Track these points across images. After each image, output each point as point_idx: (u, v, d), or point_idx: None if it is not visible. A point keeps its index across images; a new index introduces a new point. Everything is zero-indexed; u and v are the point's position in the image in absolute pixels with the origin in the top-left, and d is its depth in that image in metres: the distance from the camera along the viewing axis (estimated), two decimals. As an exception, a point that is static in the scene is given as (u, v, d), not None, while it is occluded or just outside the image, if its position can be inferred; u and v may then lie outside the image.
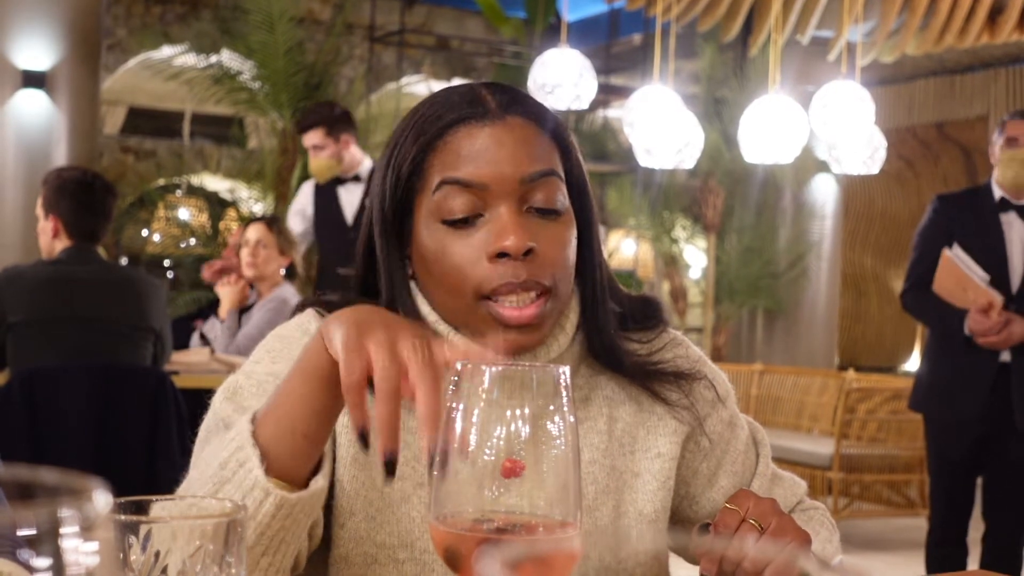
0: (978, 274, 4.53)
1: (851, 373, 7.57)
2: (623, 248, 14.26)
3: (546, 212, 1.41)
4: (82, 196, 4.12)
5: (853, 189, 11.65)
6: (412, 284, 1.49)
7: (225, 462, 1.21)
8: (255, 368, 1.46)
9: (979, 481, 4.83)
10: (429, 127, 1.43)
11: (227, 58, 9.59)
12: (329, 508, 1.42)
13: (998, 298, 4.48)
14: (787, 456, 6.81)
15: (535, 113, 1.45)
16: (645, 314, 1.59)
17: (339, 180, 5.79)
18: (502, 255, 1.37)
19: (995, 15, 8.53)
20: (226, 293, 5.35)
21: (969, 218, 4.70)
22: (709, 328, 10.33)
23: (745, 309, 10.42)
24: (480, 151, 1.39)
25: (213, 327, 5.40)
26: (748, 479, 1.63)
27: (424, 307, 1.46)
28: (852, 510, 7.00)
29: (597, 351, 1.51)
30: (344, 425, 1.43)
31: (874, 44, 9.08)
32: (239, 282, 5.35)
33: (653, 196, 10.39)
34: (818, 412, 7.55)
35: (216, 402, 1.45)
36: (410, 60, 12.44)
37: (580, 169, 1.49)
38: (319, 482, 1.22)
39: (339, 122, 5.70)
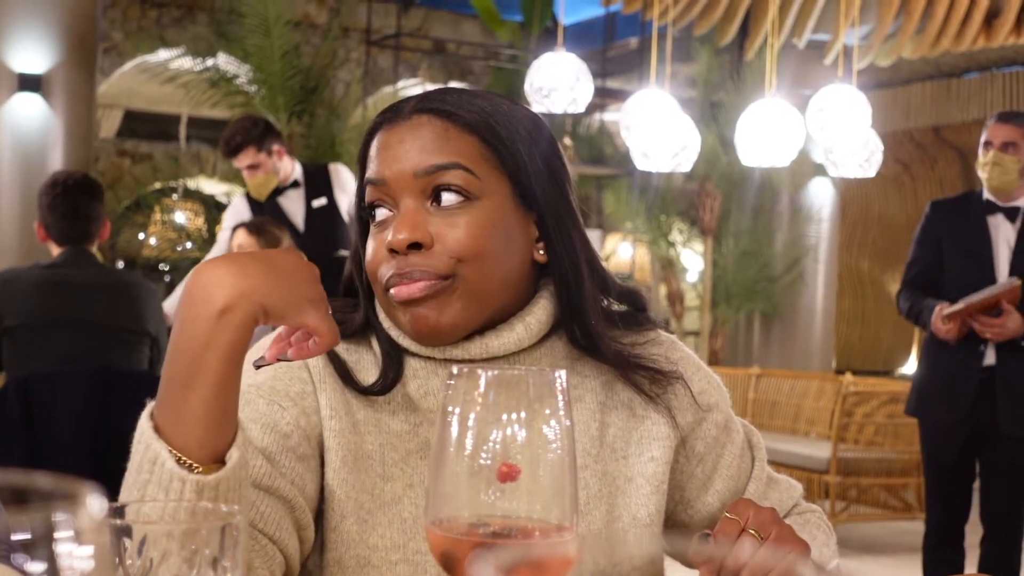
0: (980, 295, 4.56)
1: (848, 377, 7.58)
2: (620, 252, 14.27)
3: (448, 202, 1.42)
4: (54, 200, 4.08)
5: (850, 193, 11.66)
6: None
7: (140, 465, 1.22)
8: None
9: (977, 485, 4.85)
10: (367, 133, 1.50)
11: (223, 61, 9.60)
12: (320, 513, 1.43)
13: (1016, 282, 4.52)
14: (784, 460, 6.81)
15: (450, 110, 1.46)
16: (635, 309, 1.59)
17: (277, 191, 5.69)
18: (393, 251, 1.40)
19: (991, 19, 8.54)
20: None
21: (959, 222, 4.74)
22: (706, 332, 10.34)
23: (742, 313, 10.43)
24: (382, 150, 1.45)
25: None
26: (744, 483, 1.62)
27: (381, 312, 1.50)
28: (849, 514, 7.00)
29: (578, 341, 1.51)
30: (332, 430, 1.43)
31: (870, 48, 9.10)
32: None
33: (650, 200, 10.40)
34: (815, 416, 7.56)
35: None
36: (406, 64, 12.44)
37: (532, 167, 1.47)
38: (234, 455, 1.20)
39: (266, 136, 5.57)
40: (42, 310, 4.02)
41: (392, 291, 1.40)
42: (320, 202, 5.67)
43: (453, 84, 12.56)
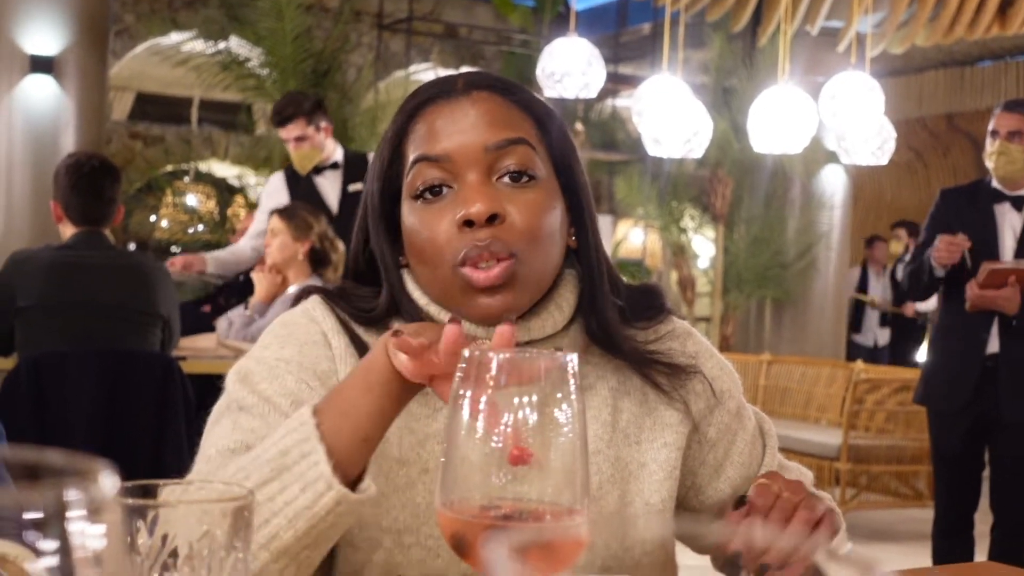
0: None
1: (859, 364, 7.56)
2: (631, 238, 14.25)
3: (517, 178, 1.42)
4: (78, 181, 4.10)
5: (862, 180, 11.63)
6: (405, 272, 1.50)
7: (287, 450, 1.23)
8: (264, 353, 1.48)
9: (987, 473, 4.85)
10: (405, 109, 1.48)
11: (235, 45, 9.59)
12: None
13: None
14: (795, 446, 6.81)
15: (502, 87, 1.47)
16: (647, 304, 1.59)
17: (316, 169, 5.77)
18: (469, 223, 1.38)
19: (1006, 7, 8.51)
20: (259, 280, 5.31)
21: (967, 210, 4.76)
22: (717, 318, 10.33)
23: (753, 299, 10.42)
24: (444, 125, 1.43)
25: (238, 311, 5.35)
26: (755, 470, 1.63)
27: (415, 291, 1.49)
28: (860, 501, 7.00)
29: (595, 334, 1.51)
30: None
31: (884, 35, 9.06)
32: (271, 272, 5.28)
33: (662, 186, 10.39)
34: (826, 403, 7.55)
35: (230, 384, 1.47)
36: (418, 48, 12.43)
37: (565, 142, 1.50)
38: (372, 488, 1.24)
39: (317, 110, 5.70)
40: (55, 291, 4.03)
41: (470, 273, 1.39)
42: (356, 187, 5.66)
43: (465, 69, 12.56)
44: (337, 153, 5.81)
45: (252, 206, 5.96)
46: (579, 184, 1.50)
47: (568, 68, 6.72)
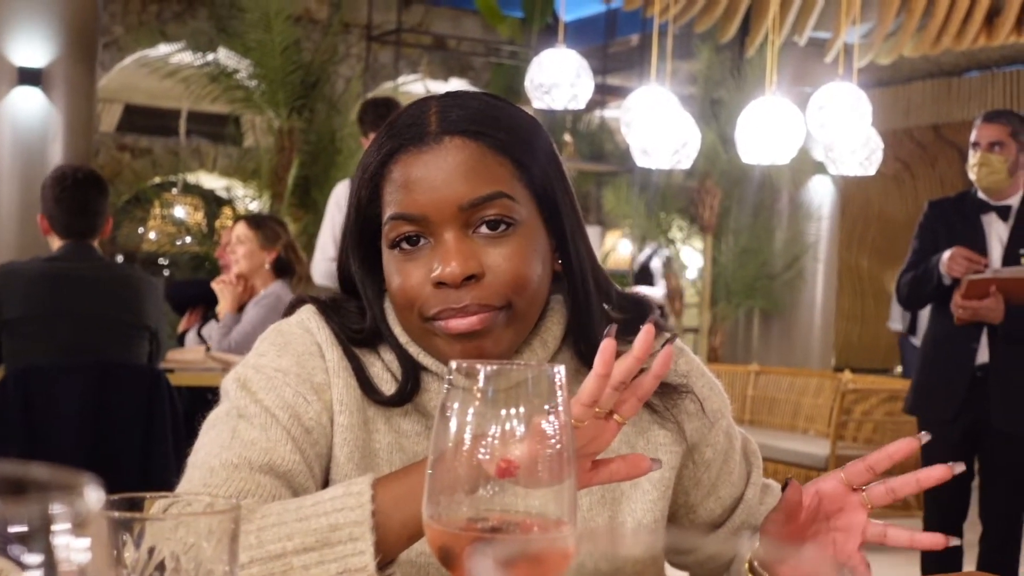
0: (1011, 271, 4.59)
1: (847, 374, 7.57)
2: (620, 248, 14.26)
3: (495, 227, 1.39)
4: (62, 194, 4.09)
5: (850, 190, 11.66)
6: (387, 303, 1.50)
7: (337, 526, 1.22)
8: (261, 361, 1.47)
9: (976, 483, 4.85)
10: (383, 148, 1.43)
11: (224, 56, 9.60)
12: None
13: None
14: (783, 457, 6.81)
15: (478, 131, 1.41)
16: (638, 318, 1.57)
17: None
18: (441, 284, 1.36)
19: (992, 17, 8.54)
20: (222, 292, 5.33)
21: (955, 220, 4.78)
22: (705, 329, 10.34)
23: (741, 310, 10.43)
24: (418, 180, 1.39)
25: (211, 325, 5.39)
26: (742, 488, 1.64)
27: (396, 327, 1.48)
28: (847, 512, 7.00)
29: (584, 356, 1.49)
30: (340, 425, 1.44)
31: (871, 46, 9.09)
32: (236, 281, 5.31)
33: (650, 196, 10.40)
34: (814, 413, 7.55)
35: (231, 390, 1.46)
36: (407, 59, 12.43)
37: (547, 168, 1.45)
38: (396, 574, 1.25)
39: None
40: (42, 303, 4.02)
41: (443, 323, 1.37)
42: None
43: (454, 81, 12.57)
44: None
45: (239, 217, 5.96)
46: (563, 209, 1.46)
47: (556, 79, 6.72)
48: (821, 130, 7.04)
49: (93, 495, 0.42)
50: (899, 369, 10.34)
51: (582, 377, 1.51)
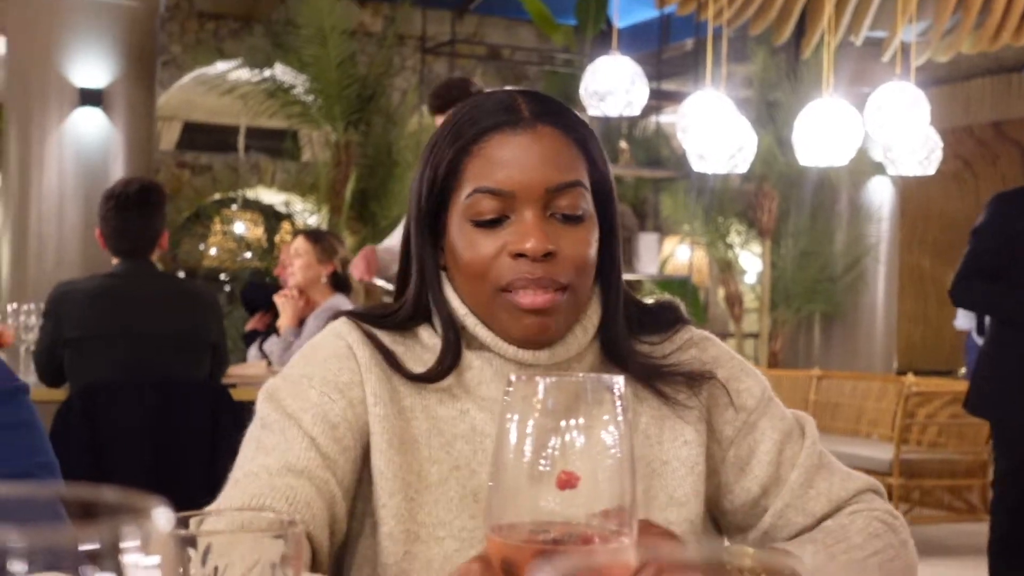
0: None
1: (910, 377, 7.50)
2: (678, 254, 14.21)
3: (569, 218, 1.49)
4: (108, 213, 4.08)
5: (910, 190, 11.55)
6: (443, 276, 1.57)
7: None
8: (290, 371, 1.56)
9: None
10: (465, 132, 1.51)
11: (280, 72, 9.67)
12: (368, 495, 1.50)
13: None
14: (846, 462, 6.67)
15: (565, 124, 1.52)
16: (664, 317, 1.65)
17: None
18: (521, 255, 1.45)
19: (1052, 13, 8.43)
20: (283, 305, 5.36)
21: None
22: (765, 333, 10.27)
23: (802, 314, 10.35)
24: (510, 159, 1.48)
25: (272, 340, 5.42)
26: (788, 469, 1.62)
27: (453, 300, 1.54)
28: (913, 516, 6.92)
29: (608, 349, 1.58)
30: (377, 416, 1.50)
31: (929, 44, 9.01)
32: (297, 295, 5.34)
33: (707, 201, 10.35)
34: (877, 417, 7.48)
35: (258, 404, 1.54)
36: (462, 70, 12.46)
37: (605, 177, 1.56)
38: None
39: None
40: (100, 321, 4.04)
41: (517, 296, 1.46)
42: None
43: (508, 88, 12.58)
44: None
45: (298, 232, 6.00)
46: (611, 210, 1.57)
47: (611, 86, 6.72)
48: (879, 130, 7.00)
49: (161, 517, 0.43)
50: (963, 370, 10.21)
51: (602, 370, 1.57)
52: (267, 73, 9.65)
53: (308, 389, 1.51)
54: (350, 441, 1.49)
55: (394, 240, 5.36)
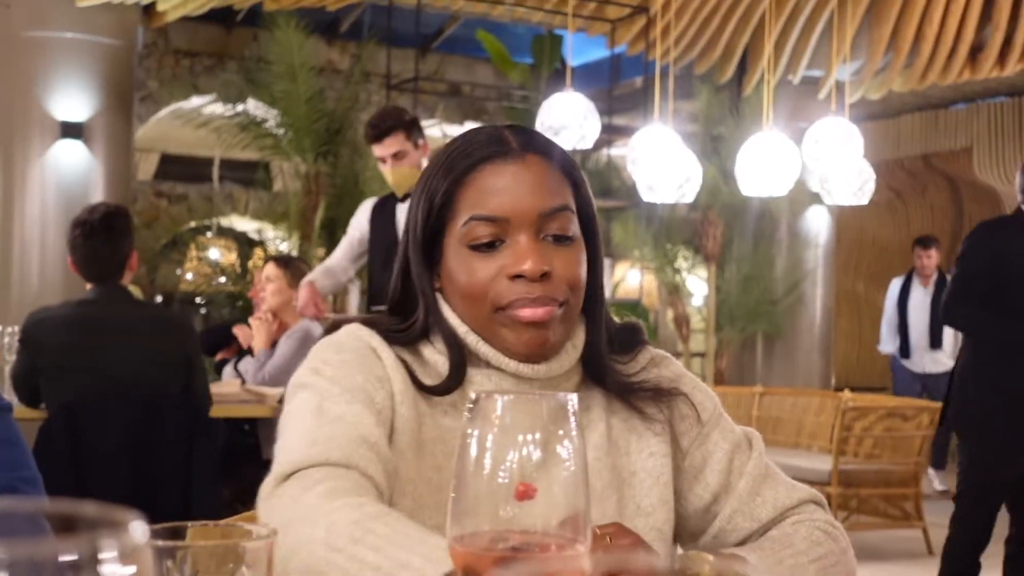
0: None
1: (847, 393, 7.55)
2: (629, 279, 14.26)
3: (560, 240, 1.51)
4: (75, 240, 4.02)
5: (845, 219, 11.64)
6: (439, 297, 1.57)
7: None
8: (327, 358, 1.52)
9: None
10: (458, 164, 1.53)
11: (252, 107, 9.65)
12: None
13: None
14: (788, 473, 6.74)
15: (551, 153, 1.55)
16: (629, 338, 1.68)
17: (403, 196, 4.98)
18: (519, 276, 1.47)
19: (975, 53, 8.56)
20: (257, 327, 5.35)
21: (1017, 239, 4.71)
22: (712, 353, 10.31)
23: (745, 334, 10.39)
24: (503, 187, 1.50)
25: (247, 361, 5.40)
26: (737, 478, 1.64)
27: (453, 319, 1.55)
28: (851, 523, 6.96)
29: (589, 368, 1.60)
30: (401, 416, 1.49)
31: (862, 82, 9.11)
32: (270, 318, 5.33)
33: (656, 229, 10.39)
34: (816, 430, 7.51)
35: (306, 383, 1.49)
36: (424, 105, 12.48)
37: (589, 203, 1.59)
38: None
39: (415, 126, 4.94)
40: (73, 348, 3.97)
41: (517, 312, 1.48)
42: None
43: (468, 124, 12.61)
44: None
45: (269, 258, 5.98)
46: (594, 233, 1.59)
47: (565, 121, 6.75)
48: (816, 163, 7.07)
49: (138, 529, 0.43)
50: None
51: (584, 387, 1.60)
52: (240, 108, 9.62)
53: (354, 374, 1.49)
54: (387, 431, 1.47)
55: (334, 259, 5.35)
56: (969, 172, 11.97)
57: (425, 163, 4.84)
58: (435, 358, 1.56)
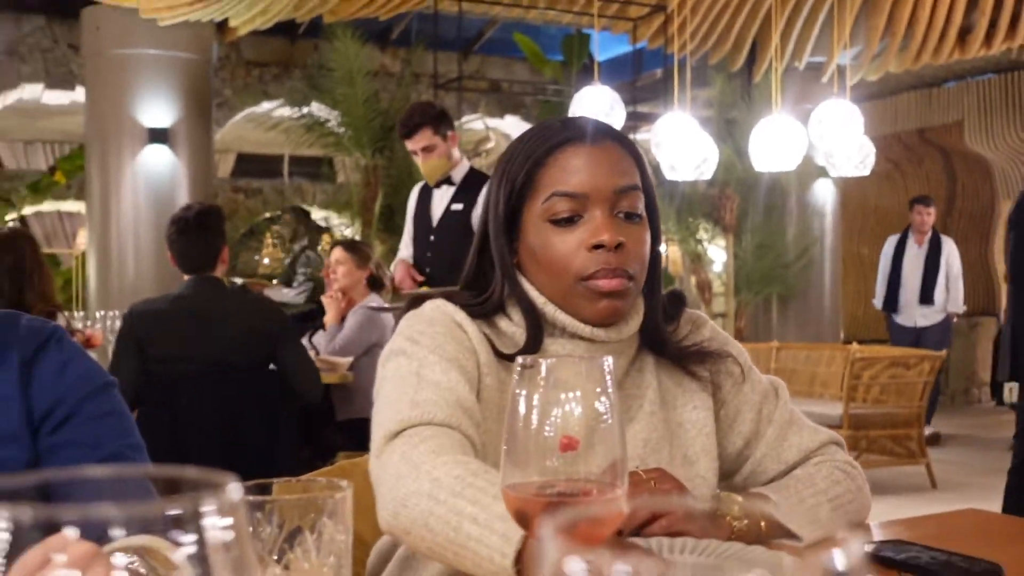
0: None
1: (855, 346, 7.51)
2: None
3: (631, 217, 1.49)
4: (171, 234, 3.98)
5: (849, 189, 11.53)
6: (518, 272, 1.55)
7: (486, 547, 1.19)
8: (416, 329, 1.49)
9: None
10: (537, 148, 1.51)
11: (316, 109, 9.66)
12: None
13: None
14: (803, 418, 6.73)
15: (621, 140, 1.54)
16: (674, 305, 1.66)
17: (441, 181, 4.97)
18: (598, 247, 1.46)
19: (964, 34, 8.43)
20: (328, 304, 5.38)
21: None
22: (732, 313, 10.27)
23: (761, 296, 10.34)
24: (583, 166, 1.48)
25: (320, 335, 5.42)
26: (765, 425, 1.65)
27: (532, 291, 1.53)
28: (862, 462, 6.92)
29: (648, 335, 1.58)
30: (486, 386, 1.47)
31: (861, 66, 9.00)
32: (338, 296, 5.35)
33: (678, 204, 10.34)
34: (828, 380, 7.47)
35: (402, 349, 1.47)
36: (468, 102, 12.45)
37: (652, 186, 1.57)
38: None
39: (442, 119, 4.87)
40: (175, 335, 3.95)
41: (597, 282, 1.46)
42: (458, 207, 4.99)
43: (508, 118, 12.58)
44: (461, 166, 5.01)
45: (336, 242, 6.01)
46: (656, 215, 1.57)
47: (595, 111, 6.73)
48: (821, 140, 7.00)
49: (233, 489, 0.44)
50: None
51: (641, 352, 1.59)
52: (304, 110, 9.65)
53: (445, 344, 1.47)
54: (476, 397, 1.45)
55: (404, 242, 5.33)
56: (961, 144, 11.81)
57: (456, 152, 4.88)
58: (512, 329, 1.54)
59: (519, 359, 0.98)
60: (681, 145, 6.91)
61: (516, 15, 9.80)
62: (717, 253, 11.66)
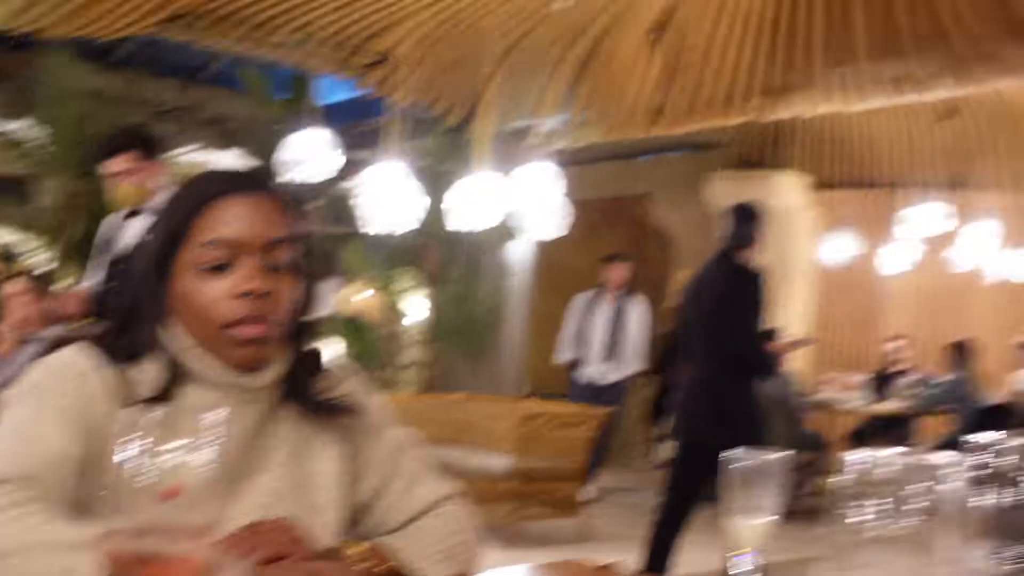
0: None
1: (527, 401, 7.58)
2: (356, 296, 14.13)
3: (280, 267, 1.52)
4: None
5: (547, 249, 11.89)
6: (165, 317, 1.54)
7: None
8: (31, 389, 1.48)
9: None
10: (197, 195, 1.53)
11: (25, 125, 9.16)
12: None
13: None
14: (476, 470, 6.73)
15: (278, 191, 1.57)
16: (316, 358, 1.67)
17: (135, 212, 4.58)
18: (246, 295, 1.48)
19: (655, 115, 8.94)
20: None
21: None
22: (426, 363, 10.36)
23: (458, 347, 10.47)
24: (237, 217, 1.50)
25: None
26: (394, 478, 1.69)
27: (175, 336, 1.52)
28: (525, 514, 6.90)
29: (290, 385, 1.60)
30: (114, 434, 1.40)
31: (565, 133, 9.38)
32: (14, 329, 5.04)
33: (384, 253, 10.39)
34: (505, 433, 7.36)
35: (15, 397, 1.47)
36: (189, 133, 12.11)
37: (309, 237, 1.60)
38: None
39: (148, 145, 4.55)
40: None
41: (240, 329, 1.49)
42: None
43: (230, 152, 12.32)
44: (161, 198, 4.70)
45: (16, 273, 5.62)
46: (317, 266, 1.61)
47: (304, 156, 6.70)
48: (522, 201, 7.22)
49: None
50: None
51: (283, 400, 1.60)
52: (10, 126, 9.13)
53: (59, 396, 1.45)
54: (92, 451, 1.42)
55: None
56: (650, 213, 12.47)
57: (160, 182, 4.51)
58: (152, 375, 1.51)
59: (121, 410, 0.99)
60: (383, 195, 6.96)
61: (244, 50, 9.63)
62: (417, 303, 11.78)
